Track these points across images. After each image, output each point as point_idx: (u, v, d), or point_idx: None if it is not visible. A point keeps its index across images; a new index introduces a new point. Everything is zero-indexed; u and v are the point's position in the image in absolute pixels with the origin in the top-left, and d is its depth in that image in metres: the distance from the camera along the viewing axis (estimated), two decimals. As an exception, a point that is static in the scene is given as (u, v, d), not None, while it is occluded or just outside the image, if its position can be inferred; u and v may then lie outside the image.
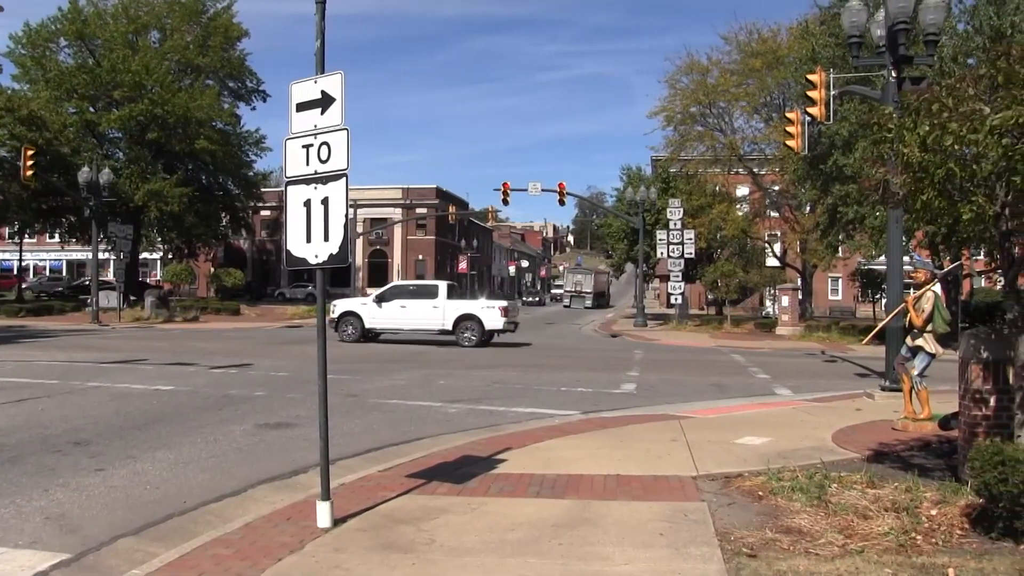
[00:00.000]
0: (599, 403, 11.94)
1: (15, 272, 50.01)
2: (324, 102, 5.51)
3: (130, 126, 45.27)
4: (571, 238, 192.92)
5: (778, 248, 42.58)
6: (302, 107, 5.62)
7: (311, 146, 5.58)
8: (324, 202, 5.52)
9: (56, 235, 51.21)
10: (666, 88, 39.05)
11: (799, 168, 29.90)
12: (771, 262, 43.06)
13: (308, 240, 5.59)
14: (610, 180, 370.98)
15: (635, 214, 39.16)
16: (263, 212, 68.61)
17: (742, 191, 43.44)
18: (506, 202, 38.87)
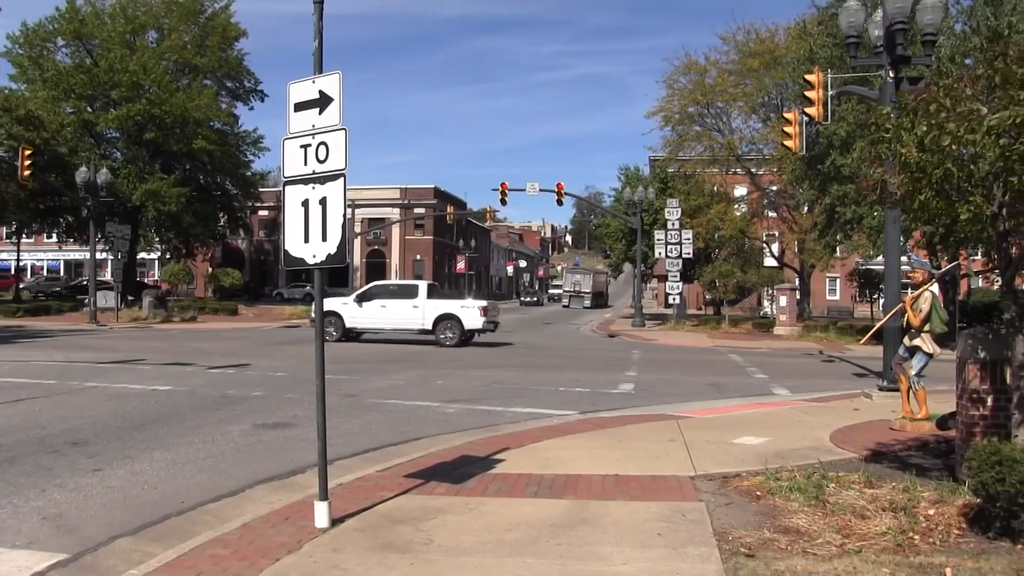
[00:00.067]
0: (597, 403, 11.94)
1: (12, 272, 49.90)
2: (322, 102, 5.51)
3: (128, 126, 45.23)
4: (569, 238, 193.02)
5: (776, 248, 42.65)
6: (300, 107, 5.62)
7: (309, 146, 5.58)
8: (322, 202, 5.52)
9: (54, 235, 51.13)
10: (664, 88, 39.21)
11: (797, 168, 29.94)
12: (769, 262, 43.11)
13: (306, 240, 5.59)
14: (608, 180, 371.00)
15: (633, 214, 39.17)
16: (261, 212, 68.59)
17: (740, 191, 43.48)
18: (504, 202, 38.86)
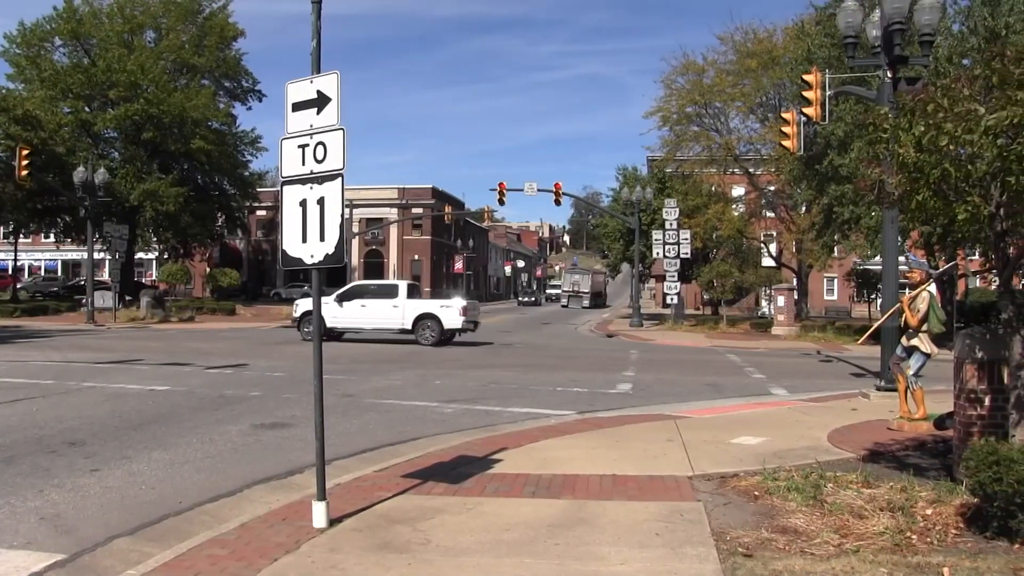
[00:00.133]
0: (595, 403, 11.94)
1: (10, 272, 49.83)
2: (320, 102, 5.50)
3: (125, 126, 45.16)
4: (567, 238, 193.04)
5: (774, 248, 42.70)
6: (298, 107, 5.61)
7: (307, 146, 5.57)
8: (320, 202, 5.52)
9: (51, 235, 51.02)
10: (662, 88, 39.33)
11: (795, 168, 29.96)
12: (767, 262, 43.17)
13: (304, 240, 5.58)
14: (606, 180, 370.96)
15: (631, 214, 39.16)
16: (259, 212, 68.52)
17: (738, 191, 43.52)
18: (502, 202, 38.76)
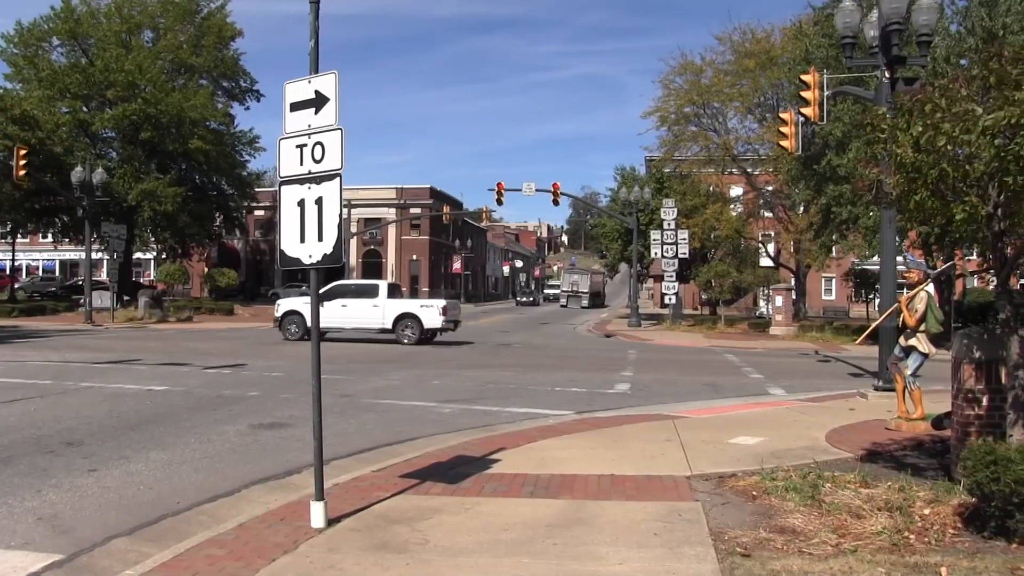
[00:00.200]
0: (593, 403, 11.94)
1: (8, 272, 49.71)
2: (318, 102, 5.50)
3: (123, 126, 45.10)
4: (565, 238, 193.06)
5: (772, 248, 42.67)
6: (296, 107, 5.61)
7: (305, 146, 5.57)
8: (318, 202, 5.51)
9: (49, 235, 51.03)
10: (660, 88, 39.13)
11: (793, 168, 29.99)
12: (765, 262, 43.16)
13: (302, 240, 5.58)
14: (604, 180, 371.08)
15: (629, 214, 39.17)
16: (257, 212, 68.43)
17: (736, 191, 43.52)
18: (500, 202, 38.75)
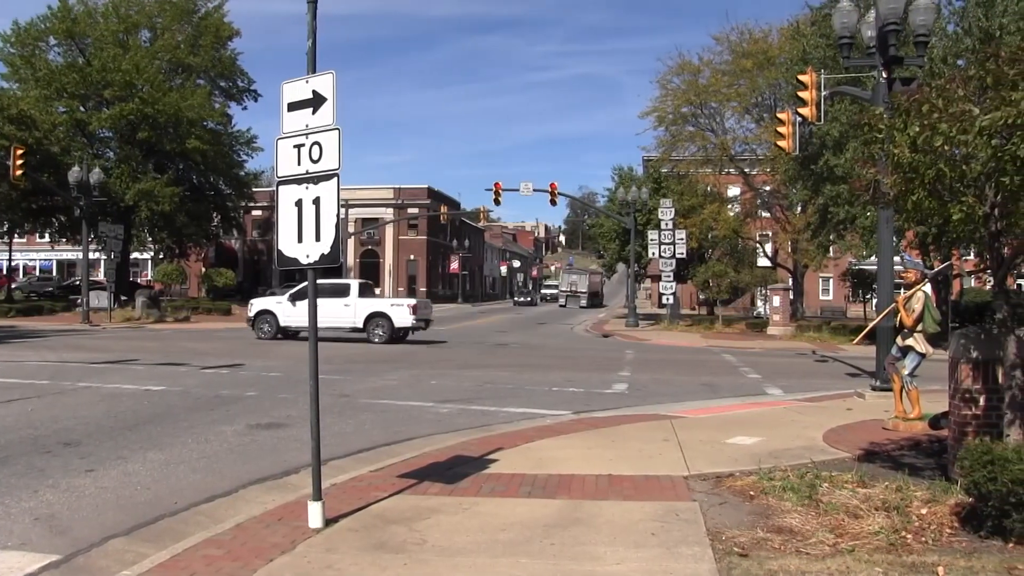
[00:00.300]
0: (590, 403, 11.95)
1: (4, 272, 49.61)
2: (316, 102, 5.50)
3: (120, 125, 45.03)
4: (563, 238, 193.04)
5: (769, 248, 42.68)
6: (293, 107, 5.61)
7: (302, 146, 5.57)
8: (315, 202, 5.51)
9: (46, 235, 50.90)
10: (658, 88, 39.19)
11: (790, 168, 30.01)
12: (762, 262, 43.16)
13: (300, 240, 5.58)
14: (602, 180, 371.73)
15: (627, 214, 39.18)
16: (254, 212, 68.33)
17: (733, 191, 43.52)
18: (498, 202, 38.73)
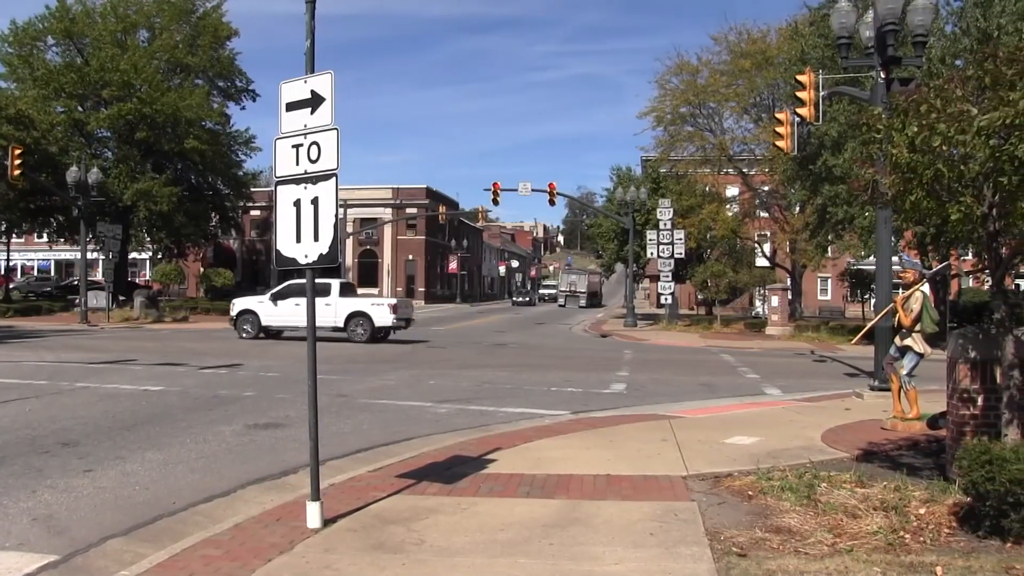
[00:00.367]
0: (589, 403, 11.94)
1: (3, 272, 49.54)
2: (314, 102, 5.49)
3: (119, 125, 44.95)
4: (561, 238, 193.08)
5: (768, 248, 42.69)
6: (292, 107, 5.60)
7: (301, 146, 5.57)
8: (314, 202, 5.51)
9: (44, 235, 50.84)
10: (656, 88, 39.21)
11: (788, 168, 30.02)
12: (761, 262, 43.18)
13: (298, 240, 5.58)
14: (600, 180, 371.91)
15: (625, 214, 39.17)
16: (253, 212, 68.32)
17: (732, 191, 43.52)
18: (496, 202, 38.73)
